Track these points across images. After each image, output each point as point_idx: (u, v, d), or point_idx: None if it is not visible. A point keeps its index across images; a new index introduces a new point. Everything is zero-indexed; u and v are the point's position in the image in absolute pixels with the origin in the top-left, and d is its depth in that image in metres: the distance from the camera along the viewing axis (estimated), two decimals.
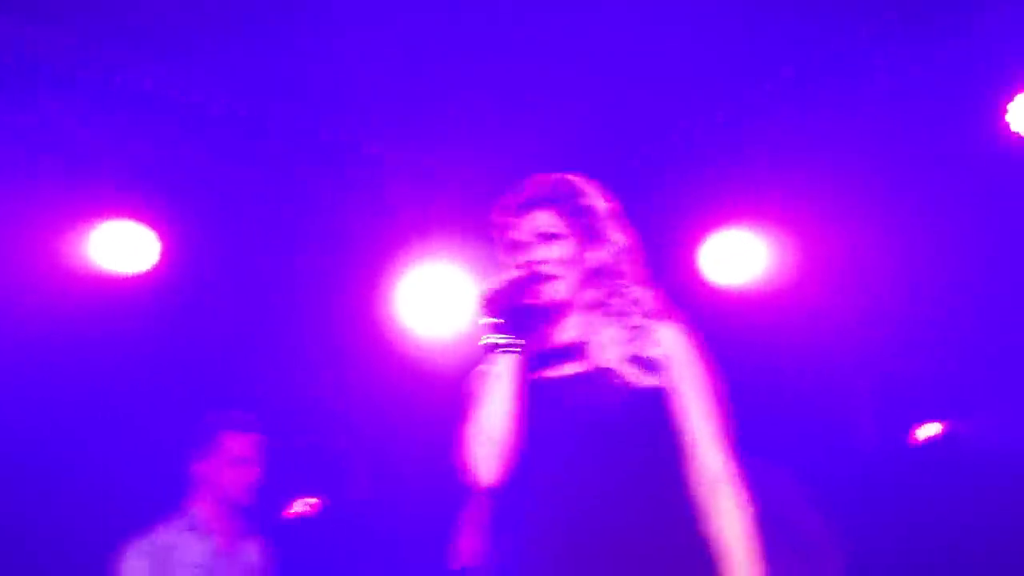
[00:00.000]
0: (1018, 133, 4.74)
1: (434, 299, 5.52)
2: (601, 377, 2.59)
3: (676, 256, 5.74)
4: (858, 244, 5.40)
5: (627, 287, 2.71)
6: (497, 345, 2.59)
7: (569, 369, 2.66)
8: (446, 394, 3.07)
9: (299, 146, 5.36)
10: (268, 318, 5.68)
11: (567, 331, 2.72)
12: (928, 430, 5.38)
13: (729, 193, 5.59)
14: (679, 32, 4.89)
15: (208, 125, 5.05)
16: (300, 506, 5.59)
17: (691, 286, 5.68)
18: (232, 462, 4.32)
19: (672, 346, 2.65)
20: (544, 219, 2.69)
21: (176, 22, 4.63)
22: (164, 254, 5.17)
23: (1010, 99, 4.76)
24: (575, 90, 5.27)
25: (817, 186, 5.32)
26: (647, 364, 2.59)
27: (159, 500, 4.34)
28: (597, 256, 2.71)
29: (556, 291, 2.66)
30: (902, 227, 5.26)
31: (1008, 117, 4.75)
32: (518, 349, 2.59)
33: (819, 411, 4.81)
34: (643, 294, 2.72)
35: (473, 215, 2.96)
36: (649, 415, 2.56)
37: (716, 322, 5.49)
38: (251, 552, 4.42)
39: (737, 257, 5.65)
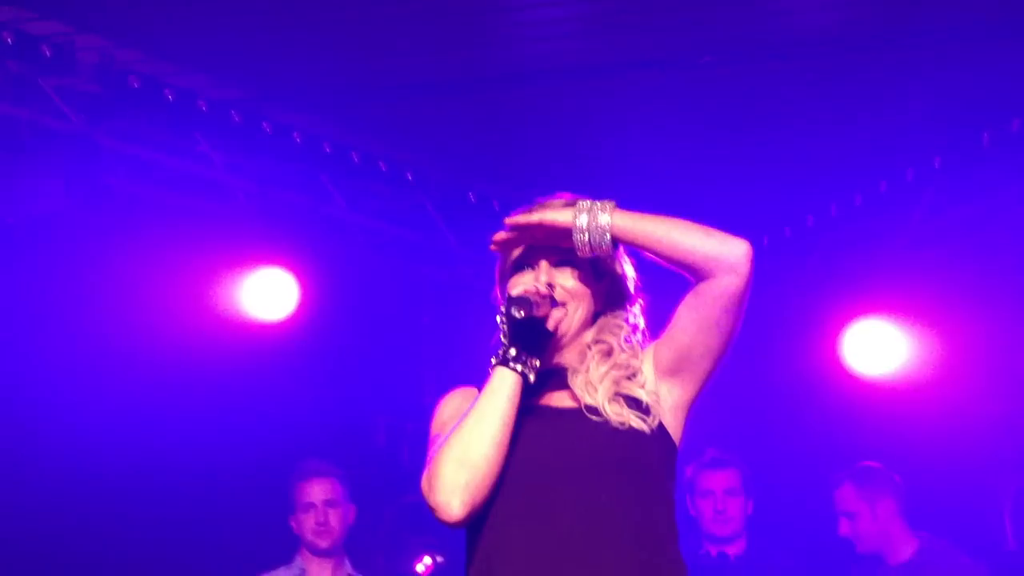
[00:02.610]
0: None
1: None
2: (587, 415, 2.39)
3: (818, 343, 5.71)
4: (1005, 347, 5.26)
5: (623, 327, 2.54)
6: (510, 358, 2.39)
7: (554, 402, 2.48)
8: None
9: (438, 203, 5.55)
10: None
11: (557, 363, 2.53)
12: None
13: (874, 282, 5.53)
14: (821, 117, 4.87)
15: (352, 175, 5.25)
16: (425, 563, 5.60)
17: (833, 373, 5.65)
18: (303, 508, 4.51)
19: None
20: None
21: (330, 76, 4.77)
22: (303, 300, 5.33)
23: None
24: (717, 171, 5.29)
25: (968, 282, 5.23)
26: (634, 405, 2.40)
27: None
28: (602, 295, 2.54)
29: (563, 320, 2.47)
30: None
31: None
32: (531, 368, 2.39)
33: (958, 509, 4.65)
34: (638, 337, 2.54)
35: None
36: (631, 457, 2.35)
37: (856, 410, 5.50)
38: None
39: (879, 347, 5.58)
